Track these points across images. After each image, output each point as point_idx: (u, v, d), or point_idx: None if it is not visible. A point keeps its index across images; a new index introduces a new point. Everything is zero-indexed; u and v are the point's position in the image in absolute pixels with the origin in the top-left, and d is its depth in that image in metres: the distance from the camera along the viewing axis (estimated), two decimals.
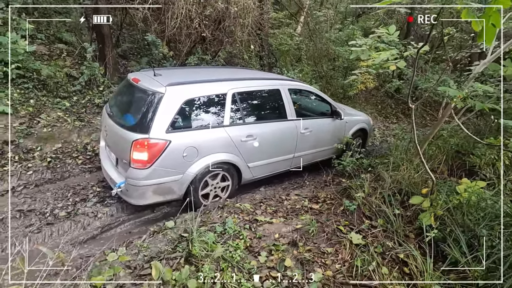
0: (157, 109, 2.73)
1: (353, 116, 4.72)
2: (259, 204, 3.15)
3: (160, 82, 2.92)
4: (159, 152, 2.70)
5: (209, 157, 3.00)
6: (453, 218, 2.27)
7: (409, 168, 3.00)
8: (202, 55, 5.94)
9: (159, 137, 2.70)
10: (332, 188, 3.47)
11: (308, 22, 9.05)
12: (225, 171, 3.22)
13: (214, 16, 5.33)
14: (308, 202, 3.17)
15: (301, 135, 3.79)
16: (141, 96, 2.92)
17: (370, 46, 3.28)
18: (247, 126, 3.31)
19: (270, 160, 3.60)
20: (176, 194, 2.96)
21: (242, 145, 3.22)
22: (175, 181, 2.88)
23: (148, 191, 2.79)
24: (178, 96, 2.87)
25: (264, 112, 3.62)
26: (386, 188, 2.91)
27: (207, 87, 3.12)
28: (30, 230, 2.68)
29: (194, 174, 2.94)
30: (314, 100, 4.29)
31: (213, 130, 3.05)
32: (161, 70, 3.44)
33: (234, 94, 3.23)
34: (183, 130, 2.87)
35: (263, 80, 3.67)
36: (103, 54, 6.03)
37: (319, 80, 9.04)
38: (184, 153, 2.84)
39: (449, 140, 3.78)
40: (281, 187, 3.82)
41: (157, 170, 2.74)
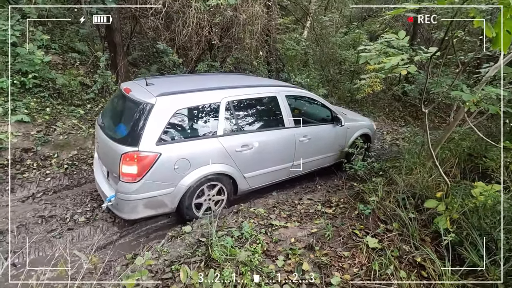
0: (147, 120, 2.65)
1: (355, 122, 4.59)
2: (272, 208, 3.19)
3: (150, 92, 2.83)
4: (149, 165, 2.61)
5: (202, 168, 2.90)
6: (469, 222, 2.28)
7: (422, 172, 3.01)
8: (211, 62, 6.05)
9: (149, 149, 2.62)
10: (344, 192, 3.49)
11: (314, 27, 9.13)
12: (220, 183, 3.13)
13: (223, 23, 5.43)
14: (321, 206, 3.20)
15: (299, 143, 3.69)
16: (131, 107, 2.84)
17: (379, 51, 3.31)
18: (242, 135, 3.21)
19: (268, 170, 3.49)
20: (168, 208, 2.87)
21: (237, 155, 3.12)
22: (167, 194, 2.78)
23: (139, 205, 2.70)
24: (169, 107, 2.78)
25: (260, 121, 3.48)
26: (400, 192, 2.92)
27: (200, 96, 3.02)
28: (53, 235, 2.76)
29: (187, 186, 2.84)
30: (313, 106, 4.18)
31: (206, 141, 2.96)
32: (154, 79, 3.37)
33: (228, 102, 3.14)
34: (174, 142, 2.77)
35: (258, 88, 3.55)
36: (115, 63, 6.18)
37: (326, 84, 9.09)
38: (176, 165, 2.74)
39: (461, 143, 3.77)
40: (293, 192, 3.86)
41: (148, 183, 2.65)
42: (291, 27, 10.13)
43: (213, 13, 5.15)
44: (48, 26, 7.00)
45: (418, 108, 9.39)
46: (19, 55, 4.81)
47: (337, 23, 10.85)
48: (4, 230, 2.77)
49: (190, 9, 4.40)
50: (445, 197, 2.49)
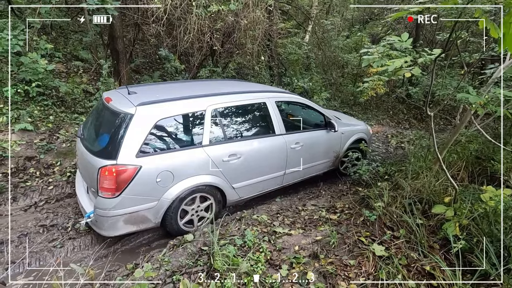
0: (126, 131, 2.54)
1: (350, 126, 4.47)
2: (276, 215, 3.14)
3: (131, 101, 2.73)
4: (129, 179, 2.49)
5: (187, 180, 2.78)
6: (479, 228, 2.20)
7: (429, 176, 2.94)
8: (213, 67, 6.05)
9: (128, 162, 2.50)
10: (349, 198, 3.43)
11: (316, 31, 9.12)
12: (208, 194, 3.01)
13: (225, 29, 5.44)
14: (325, 212, 3.13)
15: (291, 151, 3.57)
16: (110, 118, 2.75)
17: (382, 54, 3.27)
18: (230, 144, 3.10)
19: (258, 179, 3.37)
20: (151, 223, 2.75)
21: (224, 165, 3.00)
22: (149, 209, 2.66)
23: (119, 221, 2.58)
24: (149, 116, 2.67)
25: (249, 128, 3.36)
26: (406, 197, 2.85)
27: (183, 105, 2.91)
28: (54, 245, 2.73)
29: (171, 200, 2.73)
30: (305, 112, 4.08)
31: (191, 151, 2.85)
32: (137, 87, 3.28)
33: (214, 110, 3.03)
34: (156, 154, 2.66)
35: (247, 94, 3.42)
36: (117, 70, 6.23)
37: (329, 87, 9.04)
38: (158, 178, 2.62)
39: (468, 146, 3.69)
40: (297, 197, 3.80)
41: (128, 198, 2.53)
42: (292, 31, 10.15)
43: (214, 19, 5.16)
44: (52, 35, 7.10)
45: (422, 110, 9.29)
46: (23, 64, 4.85)
47: (339, 27, 10.84)
48: (5, 240, 2.76)
49: (191, 15, 4.41)
50: (454, 202, 2.42)
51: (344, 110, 8.83)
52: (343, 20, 13.08)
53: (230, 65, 6.61)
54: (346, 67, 10.41)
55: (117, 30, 5.95)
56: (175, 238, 2.69)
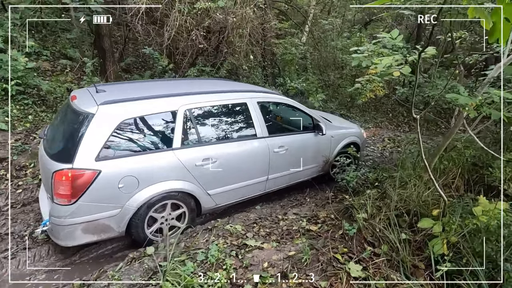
0: (85, 133, 2.34)
1: (341, 129, 4.23)
2: (252, 224, 2.90)
3: (95, 100, 2.55)
4: (86, 184, 2.30)
5: (154, 186, 2.58)
6: (469, 247, 1.94)
7: (419, 185, 2.68)
8: (202, 66, 5.84)
9: (86, 166, 2.30)
10: (334, 206, 3.18)
11: (313, 31, 8.89)
12: (179, 201, 2.81)
13: (213, 27, 5.22)
14: (306, 222, 2.89)
15: (274, 155, 3.34)
16: (70, 118, 2.56)
17: (373, 52, 3.05)
18: (204, 147, 2.89)
19: (237, 185, 3.15)
20: (114, 232, 2.55)
21: (197, 170, 2.80)
22: (111, 217, 2.47)
23: (76, 231, 2.37)
24: (113, 117, 2.48)
25: (227, 131, 3.15)
26: (392, 207, 2.60)
27: (153, 104, 2.71)
28: (5, 255, 2.52)
29: (136, 207, 2.53)
30: (292, 113, 3.81)
31: (159, 155, 2.64)
32: (107, 86, 3.09)
33: (187, 111, 2.83)
34: (118, 157, 2.46)
35: (226, 93, 3.21)
36: (104, 69, 6.05)
37: (326, 89, 8.79)
38: (120, 183, 2.43)
39: (464, 152, 3.42)
40: (280, 205, 3.56)
41: (85, 205, 2.34)
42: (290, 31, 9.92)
43: (201, 17, 4.95)
44: (42, 33, 6.95)
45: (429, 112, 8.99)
46: (1, 61, 4.68)
47: (338, 27, 10.59)
48: None
49: (173, 11, 4.20)
50: (442, 216, 2.17)
51: (341, 112, 8.57)
52: (344, 21, 12.83)
53: (225, 64, 6.41)
54: (344, 68, 10.15)
55: (103, 28, 5.77)
56: (137, 250, 2.46)
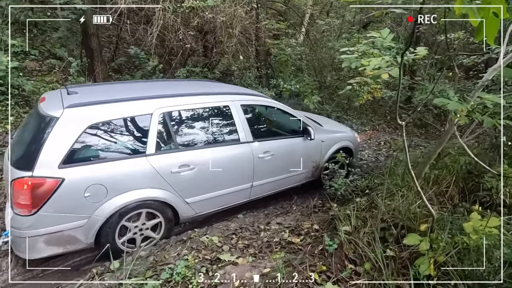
0: (47, 138, 2.19)
1: (332, 133, 4.04)
2: (231, 235, 2.73)
3: (63, 102, 2.39)
4: (48, 193, 2.15)
5: (125, 195, 2.43)
6: (457, 268, 1.76)
7: (407, 196, 2.50)
8: (192, 67, 5.68)
9: (47, 174, 2.15)
10: (319, 216, 3.01)
11: (308, 32, 8.72)
12: (154, 210, 2.65)
13: (203, 26, 5.06)
14: (288, 234, 2.71)
15: (259, 160, 3.17)
16: (35, 121, 2.42)
17: (363, 53, 2.88)
18: (181, 153, 2.73)
19: (219, 193, 2.99)
20: (82, 243, 2.39)
21: (173, 177, 2.64)
22: (77, 228, 2.31)
23: (38, 243, 2.22)
24: (79, 120, 2.33)
25: (207, 135, 2.99)
26: (379, 220, 2.42)
27: (125, 107, 2.56)
28: None
29: (105, 217, 2.38)
30: (279, 117, 3.66)
31: (131, 161, 2.48)
32: (80, 88, 2.95)
33: (163, 114, 2.68)
34: (84, 164, 2.31)
35: (206, 96, 3.07)
36: (92, 68, 5.90)
37: (323, 90, 8.61)
38: (86, 192, 2.27)
39: (459, 159, 3.24)
40: (264, 213, 3.38)
41: (47, 216, 2.19)
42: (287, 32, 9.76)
43: (190, 16, 4.79)
44: (33, 32, 6.81)
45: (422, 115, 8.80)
46: None
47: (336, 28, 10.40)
48: None
49: (158, 9, 4.04)
50: (430, 232, 1.98)
51: (337, 114, 8.39)
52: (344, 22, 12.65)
53: (217, 65, 6.25)
54: (342, 70, 9.97)
55: (91, 27, 5.62)
56: (102, 264, 2.29)
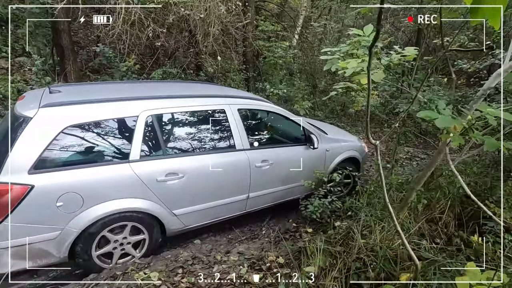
0: (17, 140, 1.97)
1: (338, 142, 3.70)
2: (177, 269, 2.25)
3: (40, 102, 2.18)
4: (15, 202, 1.92)
5: (103, 205, 2.18)
6: None
7: (389, 229, 2.03)
8: (168, 68, 5.24)
9: (15, 180, 1.93)
10: (289, 244, 2.53)
11: (303, 34, 8.30)
12: (136, 222, 2.38)
13: (178, 24, 4.63)
14: (247, 269, 2.24)
15: (256, 170, 2.88)
16: (8, 122, 2.21)
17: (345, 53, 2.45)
18: (168, 160, 2.47)
19: (210, 204, 2.71)
20: (54, 257, 2.15)
21: (159, 186, 2.38)
22: (48, 241, 2.07)
23: (4, 256, 1.98)
24: (55, 122, 2.11)
25: (199, 141, 2.74)
26: (354, 256, 1.95)
27: (108, 108, 2.33)
28: None
29: (80, 229, 2.13)
30: (279, 123, 3.36)
31: (111, 168, 2.24)
32: (65, 87, 2.71)
33: (150, 117, 2.43)
34: (58, 169, 2.08)
35: (199, 98, 2.79)
36: (63, 68, 5.48)
37: (316, 95, 8.17)
38: (59, 201, 2.04)
39: (456, 180, 2.76)
40: (227, 238, 2.92)
41: (14, 227, 1.95)
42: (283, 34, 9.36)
43: (162, 12, 4.36)
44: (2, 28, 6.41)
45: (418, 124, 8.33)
46: None
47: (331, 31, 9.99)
48: None
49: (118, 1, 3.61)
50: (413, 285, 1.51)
51: (330, 121, 7.93)
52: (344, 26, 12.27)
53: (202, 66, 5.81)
54: (337, 74, 9.53)
55: (61, 23, 5.19)
56: None
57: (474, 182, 3.06)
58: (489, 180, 3.06)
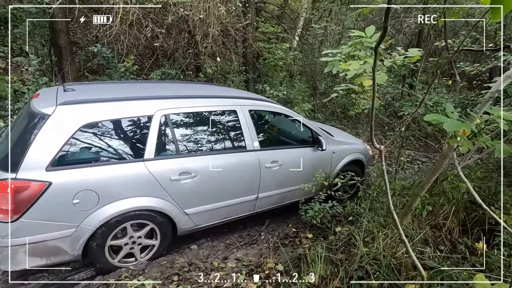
0: (36, 137, 1.98)
1: (344, 145, 3.71)
2: (172, 277, 2.18)
3: (57, 99, 2.19)
4: (32, 198, 1.93)
5: (117, 203, 2.18)
6: None
7: (393, 237, 1.95)
8: (167, 69, 5.18)
9: (33, 177, 1.93)
10: (289, 251, 2.46)
11: (303, 36, 8.25)
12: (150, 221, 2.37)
13: (177, 25, 4.57)
14: (245, 276, 2.17)
15: (266, 170, 2.88)
16: (25, 119, 2.21)
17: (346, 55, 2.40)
18: (182, 159, 2.47)
19: (221, 204, 2.70)
20: (68, 255, 2.14)
21: (173, 185, 2.38)
22: (63, 238, 2.07)
23: (19, 253, 1.98)
24: (73, 119, 2.11)
25: (211, 141, 2.73)
26: (356, 265, 1.87)
27: (124, 107, 2.33)
28: None
29: (94, 227, 2.13)
30: (288, 125, 3.38)
31: (126, 166, 2.24)
32: (79, 85, 2.75)
33: (164, 116, 2.43)
34: (75, 167, 2.08)
35: (212, 99, 2.80)
36: (60, 68, 5.42)
37: (317, 97, 8.10)
38: (76, 199, 2.04)
39: (460, 185, 2.69)
40: (225, 243, 2.84)
41: (30, 223, 1.95)
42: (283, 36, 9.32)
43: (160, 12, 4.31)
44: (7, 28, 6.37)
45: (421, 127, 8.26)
46: None
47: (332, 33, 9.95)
48: None
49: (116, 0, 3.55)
50: None
51: (331, 123, 7.87)
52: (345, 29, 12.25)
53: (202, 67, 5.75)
54: (337, 76, 9.48)
55: (59, 23, 5.13)
56: None
57: (478, 187, 2.98)
58: (493, 185, 2.99)
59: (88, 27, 7.12)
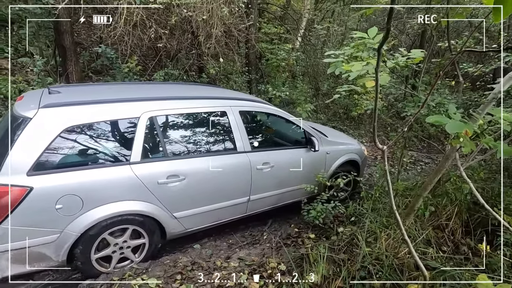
0: (16, 141, 1.93)
1: (338, 145, 3.67)
2: (176, 275, 2.20)
3: (40, 102, 2.14)
4: (13, 204, 1.87)
5: (103, 208, 2.13)
6: None
7: (395, 237, 1.96)
8: (170, 69, 5.21)
9: (13, 182, 1.88)
10: (291, 251, 2.47)
11: (305, 37, 8.26)
12: (136, 226, 2.33)
13: (180, 25, 4.60)
14: (247, 275, 2.18)
15: (257, 172, 2.84)
16: (7, 122, 2.16)
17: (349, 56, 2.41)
18: (169, 162, 2.42)
19: (211, 207, 2.66)
20: (52, 261, 2.10)
21: (160, 188, 2.33)
22: (46, 244, 2.02)
23: (1, 260, 1.94)
24: (55, 122, 2.06)
25: (200, 143, 2.69)
26: (358, 264, 1.88)
27: (109, 109, 2.28)
28: None
29: (79, 233, 2.08)
30: (280, 125, 3.34)
31: (111, 170, 2.19)
32: (65, 87, 2.68)
33: (151, 118, 2.38)
34: (58, 171, 2.03)
35: (201, 100, 2.75)
36: (65, 68, 5.47)
37: (319, 98, 8.10)
38: (58, 204, 1.99)
39: (463, 186, 2.69)
40: (228, 243, 2.85)
41: (12, 230, 1.90)
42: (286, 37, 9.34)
43: (164, 13, 4.34)
44: (13, 28, 6.43)
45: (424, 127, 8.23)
46: None
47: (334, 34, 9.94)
48: None
49: (120, 1, 3.59)
50: None
51: (333, 124, 7.87)
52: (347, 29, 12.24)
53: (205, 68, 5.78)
54: (339, 77, 9.47)
55: (64, 24, 5.18)
56: None
57: (481, 188, 2.98)
58: (496, 186, 2.98)
59: (92, 28, 7.17)
